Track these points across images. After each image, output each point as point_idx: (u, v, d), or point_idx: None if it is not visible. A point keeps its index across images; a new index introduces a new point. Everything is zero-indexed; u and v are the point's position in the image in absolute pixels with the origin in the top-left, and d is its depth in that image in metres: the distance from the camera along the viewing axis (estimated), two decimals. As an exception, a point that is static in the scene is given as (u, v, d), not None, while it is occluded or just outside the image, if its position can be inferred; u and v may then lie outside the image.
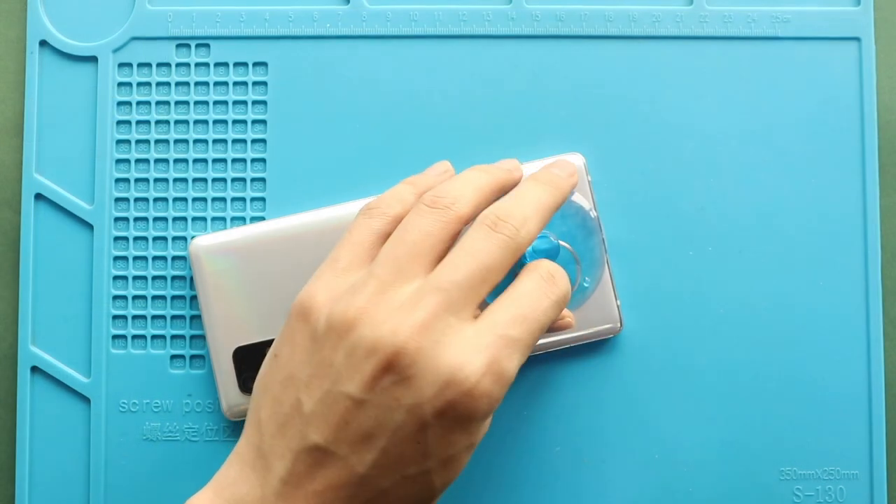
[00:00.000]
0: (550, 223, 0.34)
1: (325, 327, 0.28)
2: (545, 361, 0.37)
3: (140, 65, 0.38)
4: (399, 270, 0.28)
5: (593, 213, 0.35)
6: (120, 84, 0.38)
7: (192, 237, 0.37)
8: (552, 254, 0.34)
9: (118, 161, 0.38)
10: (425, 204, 0.29)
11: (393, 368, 0.27)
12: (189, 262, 0.37)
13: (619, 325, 0.36)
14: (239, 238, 0.36)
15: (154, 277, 0.38)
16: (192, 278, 0.37)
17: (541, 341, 0.36)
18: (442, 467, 0.28)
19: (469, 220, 0.30)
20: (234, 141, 0.38)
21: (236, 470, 0.29)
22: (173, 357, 0.37)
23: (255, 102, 0.38)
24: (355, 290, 0.28)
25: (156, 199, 0.38)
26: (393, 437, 0.27)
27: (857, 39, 0.38)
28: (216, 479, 0.29)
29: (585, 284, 0.35)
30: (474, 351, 0.27)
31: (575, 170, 0.33)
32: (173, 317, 0.37)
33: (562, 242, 0.33)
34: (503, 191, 0.31)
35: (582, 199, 0.35)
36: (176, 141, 0.38)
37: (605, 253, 0.35)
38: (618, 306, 0.36)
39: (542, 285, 0.29)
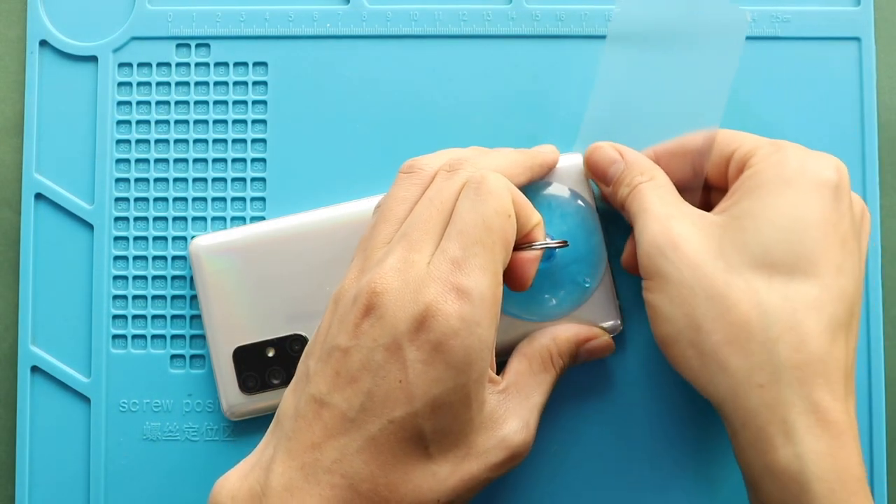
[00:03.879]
0: (550, 223, 0.34)
1: (331, 304, 0.31)
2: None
3: (140, 65, 0.38)
4: (377, 236, 0.31)
5: (594, 213, 0.35)
6: (120, 84, 0.38)
7: (192, 237, 0.37)
8: (550, 253, 0.34)
9: (118, 161, 0.38)
10: (401, 172, 0.32)
11: (370, 311, 0.28)
12: (189, 262, 0.37)
13: (619, 323, 0.36)
14: (239, 238, 0.36)
15: (154, 277, 0.38)
16: (191, 278, 0.37)
17: None
18: (430, 412, 0.28)
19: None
20: (234, 141, 0.38)
21: (263, 441, 0.30)
22: (173, 357, 0.37)
23: (255, 102, 0.38)
24: (351, 269, 0.31)
25: (156, 199, 0.38)
26: (376, 377, 0.28)
27: (857, 39, 0.38)
28: (252, 453, 0.31)
29: (586, 284, 0.35)
30: (433, 279, 0.28)
31: (553, 149, 0.35)
32: (173, 317, 0.37)
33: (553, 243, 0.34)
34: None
35: (582, 199, 0.35)
36: (176, 141, 0.38)
37: (605, 252, 0.35)
38: (618, 306, 0.36)
39: (471, 196, 0.30)
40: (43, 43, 0.38)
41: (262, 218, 0.38)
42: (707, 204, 0.35)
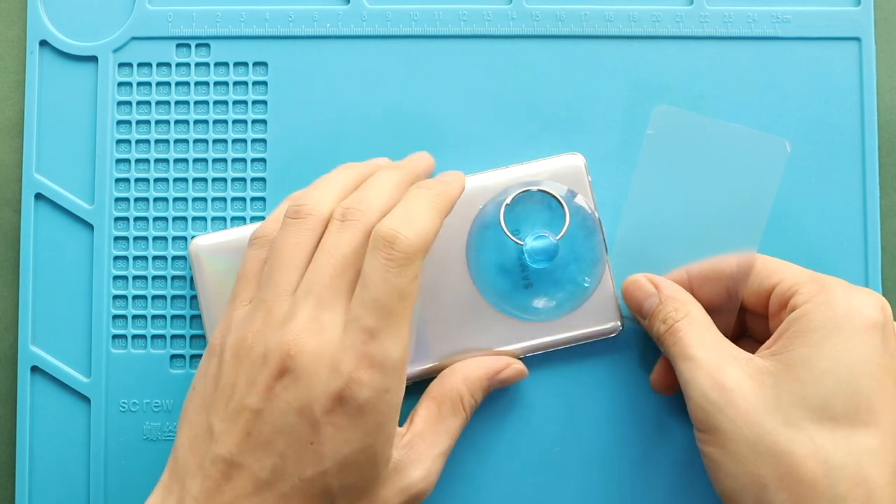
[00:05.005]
0: (550, 223, 0.34)
1: (229, 356, 0.30)
2: (545, 362, 0.37)
3: (140, 65, 0.38)
4: (278, 287, 0.30)
5: (593, 213, 0.35)
6: (120, 84, 0.38)
7: (193, 237, 0.37)
8: (551, 253, 0.34)
9: (118, 161, 0.38)
10: (288, 217, 0.31)
11: (283, 373, 0.28)
12: (189, 261, 0.37)
13: (619, 324, 0.36)
14: (239, 238, 0.36)
15: (154, 277, 0.38)
16: (191, 278, 0.37)
17: (539, 341, 0.35)
18: (339, 469, 0.29)
19: (329, 217, 0.31)
20: (234, 141, 0.38)
21: (157, 495, 0.30)
22: (173, 357, 0.37)
23: (255, 102, 0.38)
24: (249, 317, 0.30)
25: (156, 199, 0.38)
26: (288, 439, 0.28)
27: (857, 39, 0.38)
28: None
29: (586, 284, 0.35)
30: (346, 350, 0.29)
31: (433, 162, 0.35)
32: (173, 317, 0.37)
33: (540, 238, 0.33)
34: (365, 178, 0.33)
35: (582, 199, 0.35)
36: (176, 141, 0.38)
37: (605, 252, 0.35)
38: (619, 306, 0.36)
39: (379, 258, 0.29)
40: (43, 43, 0.38)
41: (263, 218, 0.38)
42: (741, 325, 0.35)
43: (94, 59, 0.38)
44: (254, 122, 0.38)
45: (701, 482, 0.36)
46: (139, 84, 0.38)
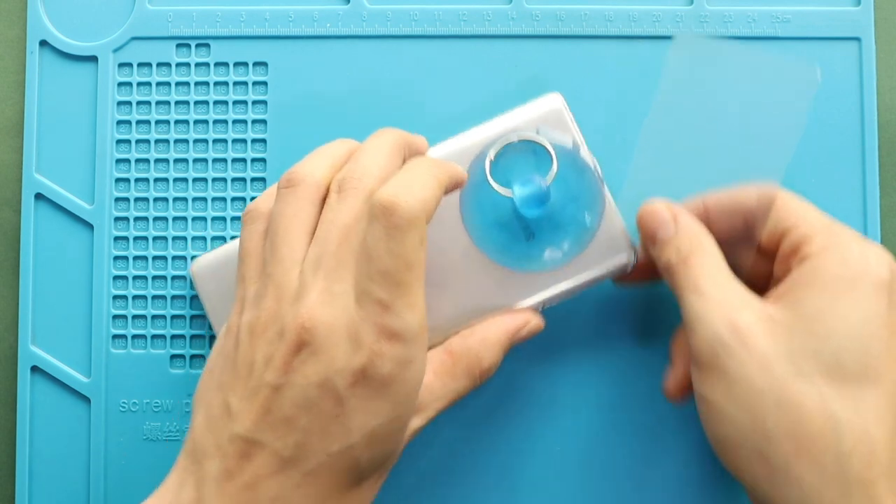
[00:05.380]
0: (539, 168, 0.33)
1: (244, 334, 0.29)
2: (545, 360, 0.37)
3: (140, 65, 0.38)
4: (284, 260, 0.29)
5: (580, 149, 0.34)
6: (120, 84, 0.38)
7: (193, 257, 0.36)
8: (541, 197, 0.32)
9: (118, 161, 0.38)
10: (281, 188, 0.31)
11: (301, 347, 0.28)
12: (193, 283, 0.36)
13: (632, 255, 0.34)
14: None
15: (154, 277, 0.38)
16: (192, 280, 0.37)
17: (554, 290, 0.34)
18: (367, 443, 0.28)
19: (324, 185, 0.31)
20: (234, 141, 0.38)
21: (174, 477, 0.29)
22: (173, 357, 0.37)
23: (255, 102, 0.38)
24: (260, 295, 0.29)
25: (156, 199, 0.38)
26: (311, 414, 0.28)
27: (857, 39, 0.38)
28: (157, 490, 0.30)
29: (588, 222, 0.34)
30: (364, 322, 0.28)
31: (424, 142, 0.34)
32: (173, 317, 0.37)
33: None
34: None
35: (566, 138, 0.34)
36: (176, 141, 0.38)
37: (602, 185, 0.34)
38: (629, 237, 0.34)
39: (380, 228, 0.28)
40: (43, 43, 0.38)
41: (262, 218, 0.38)
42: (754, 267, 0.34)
43: (94, 59, 0.38)
44: (254, 122, 0.38)
45: (702, 482, 0.36)
46: (139, 84, 0.38)
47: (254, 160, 0.38)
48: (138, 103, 0.38)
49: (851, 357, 0.28)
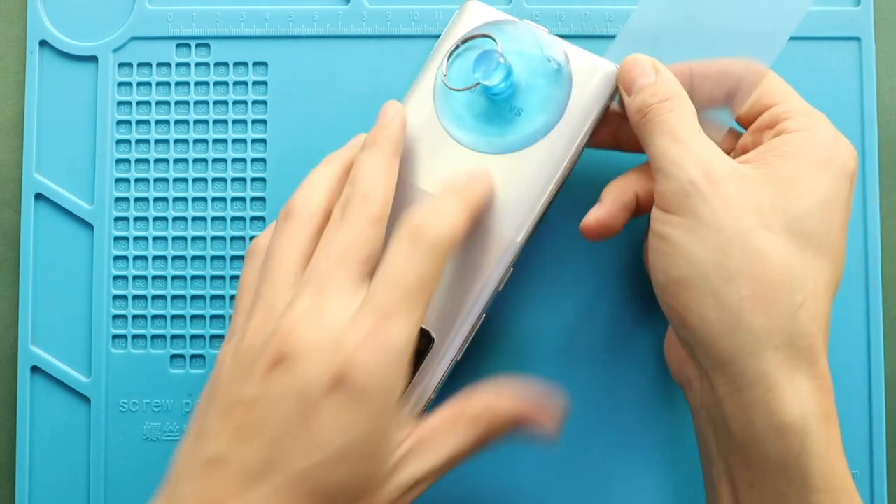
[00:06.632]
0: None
1: (229, 357, 0.30)
2: (548, 362, 0.37)
3: (140, 65, 0.38)
4: (276, 282, 0.30)
5: (515, 21, 0.34)
6: (120, 84, 0.38)
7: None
8: (496, 60, 0.32)
9: (118, 161, 0.38)
10: (278, 221, 0.31)
11: (280, 360, 0.27)
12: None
13: (613, 83, 0.33)
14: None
15: (154, 277, 0.38)
16: (192, 278, 0.37)
17: (562, 146, 0.33)
18: (338, 459, 0.27)
19: (320, 213, 0.31)
20: (234, 141, 0.38)
21: (155, 503, 0.29)
22: (173, 357, 0.37)
23: (255, 102, 0.38)
24: (249, 318, 0.30)
25: (156, 199, 0.38)
26: (282, 425, 0.27)
27: (857, 39, 0.38)
28: None
29: (554, 65, 0.33)
30: (352, 323, 0.28)
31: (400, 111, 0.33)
32: (173, 317, 0.38)
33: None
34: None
35: (498, 17, 0.34)
36: (176, 141, 0.38)
37: (552, 34, 0.34)
38: (603, 59, 0.33)
39: (405, 243, 0.29)
40: (43, 43, 0.38)
41: (263, 218, 0.38)
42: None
43: (94, 59, 0.38)
44: (254, 122, 0.38)
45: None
46: (139, 84, 0.38)
47: (254, 160, 0.38)
48: (138, 103, 0.38)
49: (814, 225, 0.30)
